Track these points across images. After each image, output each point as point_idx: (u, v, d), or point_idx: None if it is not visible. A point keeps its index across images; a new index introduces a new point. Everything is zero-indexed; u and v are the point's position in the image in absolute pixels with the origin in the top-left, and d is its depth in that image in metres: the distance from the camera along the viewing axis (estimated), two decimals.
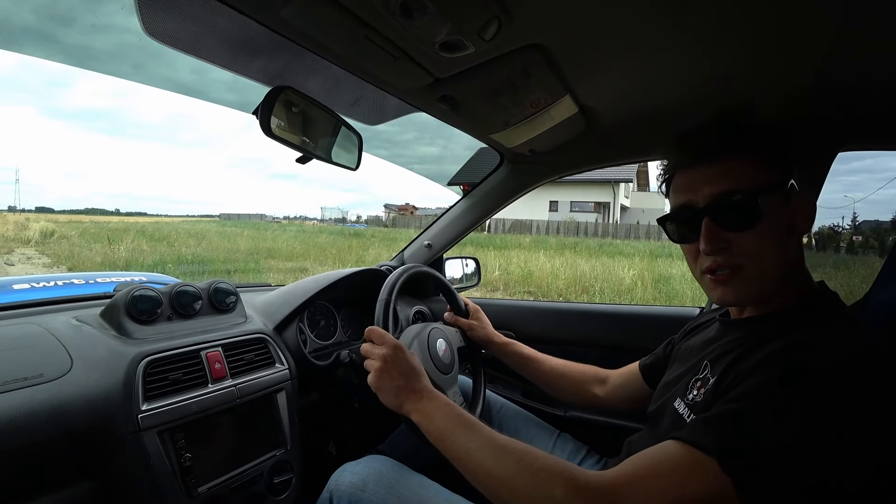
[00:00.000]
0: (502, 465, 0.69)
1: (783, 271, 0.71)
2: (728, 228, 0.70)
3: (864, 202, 27.57)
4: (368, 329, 0.94)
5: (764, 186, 0.69)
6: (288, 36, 0.74)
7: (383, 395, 0.87)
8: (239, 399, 0.99)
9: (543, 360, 1.23)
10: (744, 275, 0.70)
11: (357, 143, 1.07)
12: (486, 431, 0.75)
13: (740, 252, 0.70)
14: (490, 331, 1.31)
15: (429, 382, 0.88)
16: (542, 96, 0.97)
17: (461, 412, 0.80)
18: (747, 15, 0.73)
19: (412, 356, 0.91)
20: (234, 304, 1.16)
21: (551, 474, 0.64)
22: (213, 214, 33.48)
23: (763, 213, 0.68)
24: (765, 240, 0.69)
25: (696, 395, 0.75)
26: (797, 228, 0.72)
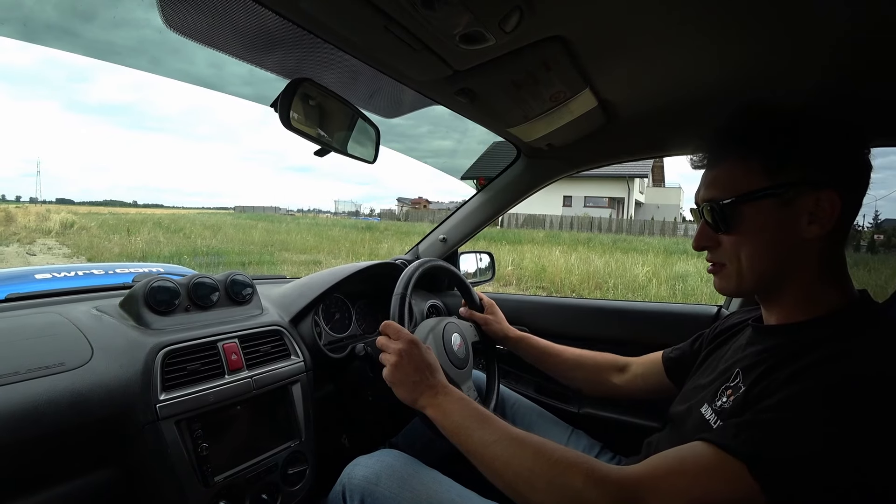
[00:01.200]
0: (519, 457, 0.69)
1: (777, 272, 0.71)
2: (716, 230, 0.75)
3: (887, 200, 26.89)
4: (384, 323, 0.94)
5: (749, 193, 0.70)
6: (306, 27, 0.74)
7: (398, 390, 0.87)
8: (255, 390, 1.00)
9: (559, 352, 1.23)
10: (724, 272, 0.76)
11: (374, 136, 1.06)
12: (501, 425, 0.75)
13: (723, 251, 0.75)
14: (505, 325, 1.30)
15: (444, 377, 0.88)
16: (561, 89, 0.96)
17: (476, 407, 0.80)
18: (773, 9, 0.71)
19: (428, 351, 0.91)
20: (251, 296, 1.17)
21: (570, 466, 0.64)
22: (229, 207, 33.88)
23: (745, 218, 0.71)
24: (742, 244, 0.72)
25: (725, 402, 0.74)
26: (803, 230, 0.68)
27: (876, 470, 0.53)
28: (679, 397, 0.91)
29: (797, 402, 0.58)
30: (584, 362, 1.20)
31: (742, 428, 0.59)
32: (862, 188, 0.71)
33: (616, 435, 1.21)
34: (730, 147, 0.74)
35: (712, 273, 0.79)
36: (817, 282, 0.71)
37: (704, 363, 0.91)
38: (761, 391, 0.65)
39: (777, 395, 0.61)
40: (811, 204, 0.67)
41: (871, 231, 16.98)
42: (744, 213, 0.71)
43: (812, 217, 0.67)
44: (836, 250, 0.71)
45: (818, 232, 0.67)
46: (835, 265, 0.71)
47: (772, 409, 0.59)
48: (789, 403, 0.59)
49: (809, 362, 0.61)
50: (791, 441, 0.55)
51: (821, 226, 0.67)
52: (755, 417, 0.60)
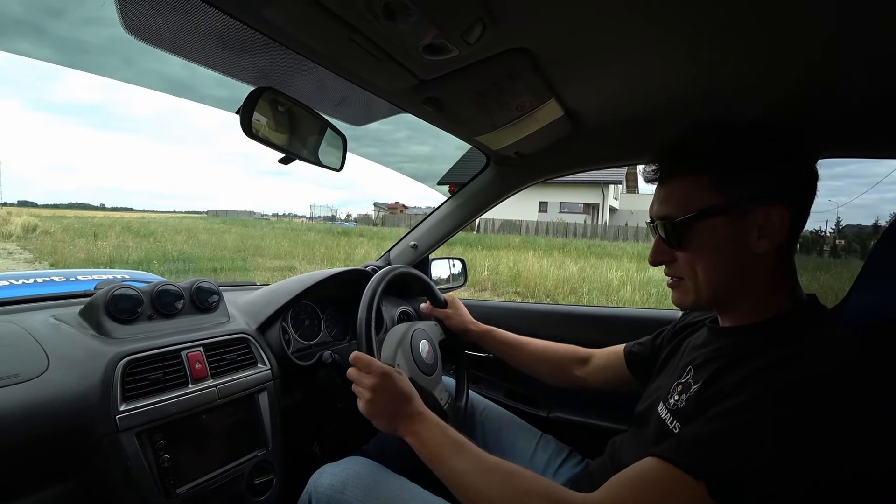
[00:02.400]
0: (490, 485, 0.71)
1: (731, 285, 0.74)
2: (670, 247, 0.77)
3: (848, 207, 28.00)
4: (354, 356, 0.93)
5: (701, 210, 0.71)
6: (271, 35, 0.74)
7: (377, 422, 0.88)
8: (220, 399, 0.98)
9: (524, 344, 1.25)
10: (682, 286, 0.78)
11: (342, 143, 1.06)
12: (475, 453, 0.77)
13: (679, 267, 0.78)
14: (467, 318, 1.32)
15: (420, 404, 0.88)
16: (527, 99, 0.97)
17: (452, 434, 0.81)
18: (731, 26, 0.73)
19: (401, 379, 0.90)
20: (217, 304, 1.16)
21: (537, 496, 0.66)
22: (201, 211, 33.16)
23: (698, 234, 0.73)
24: (697, 259, 0.74)
25: (678, 399, 0.76)
26: (753, 245, 0.70)
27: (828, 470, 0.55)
28: (643, 397, 0.93)
29: (745, 410, 0.60)
30: (547, 354, 1.22)
31: (695, 443, 0.60)
32: (811, 198, 0.73)
33: (584, 438, 1.22)
34: (682, 163, 0.75)
35: (672, 287, 0.81)
36: (770, 290, 0.73)
37: (666, 364, 0.93)
38: (712, 395, 0.67)
39: (726, 402, 0.63)
40: (761, 219, 0.69)
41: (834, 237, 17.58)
42: (697, 230, 0.73)
43: (762, 231, 0.69)
44: (786, 259, 0.74)
45: (768, 246, 0.70)
46: (786, 273, 0.74)
47: (721, 418, 0.61)
48: (737, 412, 0.60)
49: (756, 367, 0.64)
50: (742, 454, 0.57)
51: (770, 240, 0.69)
52: (707, 429, 0.61)
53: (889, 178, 29.23)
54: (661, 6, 0.69)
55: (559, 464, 1.13)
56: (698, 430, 0.62)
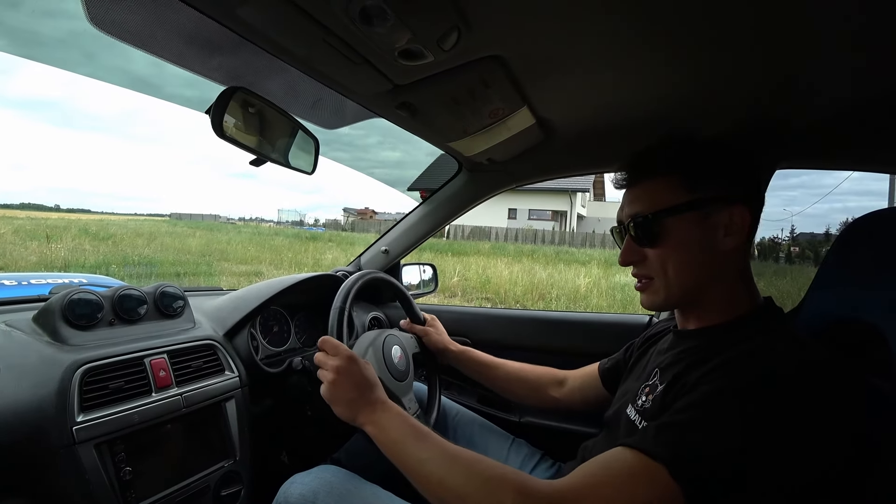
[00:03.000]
0: (452, 473, 0.70)
1: (688, 285, 0.77)
2: (641, 245, 0.79)
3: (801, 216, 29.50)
4: (322, 339, 0.92)
5: (672, 207, 0.75)
6: (244, 35, 0.72)
7: (337, 407, 0.86)
8: (185, 408, 0.95)
9: (500, 365, 1.24)
10: (653, 286, 0.80)
11: (314, 146, 1.05)
12: (437, 441, 0.76)
13: (650, 265, 0.79)
14: (445, 338, 1.31)
15: (383, 393, 0.87)
16: (500, 106, 0.98)
17: (414, 423, 0.80)
18: (696, 45, 0.77)
19: (366, 367, 0.90)
20: (182, 309, 1.12)
21: (501, 482, 0.65)
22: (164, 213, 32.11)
23: (668, 231, 0.76)
24: (668, 256, 0.76)
25: (645, 401, 0.78)
26: (720, 243, 0.74)
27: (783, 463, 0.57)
28: (612, 403, 0.94)
29: (708, 400, 0.62)
30: (524, 376, 1.22)
31: (660, 430, 0.62)
32: (762, 202, 0.79)
33: (556, 442, 1.23)
34: (653, 166, 0.79)
35: (640, 290, 0.82)
36: (731, 290, 0.77)
37: (633, 369, 0.96)
38: (676, 392, 0.70)
39: (690, 395, 0.64)
40: (726, 218, 0.73)
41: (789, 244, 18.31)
42: (668, 227, 0.76)
43: (727, 230, 0.73)
44: (745, 261, 0.78)
45: (732, 244, 0.74)
46: (746, 274, 0.78)
47: (686, 409, 0.63)
48: (701, 402, 0.62)
49: (719, 362, 0.65)
50: (704, 439, 0.58)
51: (734, 238, 0.73)
52: (671, 418, 0.63)
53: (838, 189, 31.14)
54: (631, 24, 0.72)
55: (531, 468, 1.14)
56: (663, 420, 0.64)
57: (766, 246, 14.85)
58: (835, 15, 0.66)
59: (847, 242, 0.82)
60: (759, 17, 0.68)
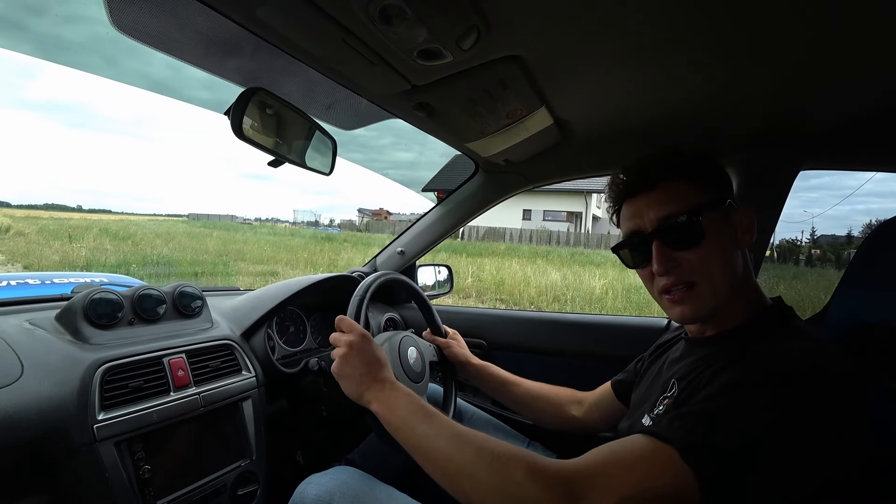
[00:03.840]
0: (461, 450, 0.68)
1: (733, 284, 0.75)
2: (677, 248, 0.74)
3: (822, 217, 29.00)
4: (338, 318, 0.92)
5: (704, 205, 0.73)
6: (263, 36, 0.73)
7: (345, 383, 0.85)
8: (203, 408, 0.96)
9: (519, 383, 1.22)
10: (697, 290, 0.74)
11: (331, 147, 1.05)
12: (446, 421, 0.75)
13: (691, 269, 0.74)
14: (467, 352, 1.29)
15: (391, 373, 0.87)
16: (517, 107, 0.97)
17: (422, 403, 0.79)
18: (718, 46, 0.76)
19: (378, 348, 0.89)
20: (200, 309, 1.13)
21: (511, 459, 0.64)
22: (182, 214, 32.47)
23: (707, 230, 0.73)
24: (712, 255, 0.73)
25: (662, 409, 0.77)
26: (740, 242, 0.76)
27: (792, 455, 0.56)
28: (627, 414, 0.94)
29: (724, 391, 0.61)
30: (544, 395, 1.19)
31: (675, 418, 0.61)
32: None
33: (571, 446, 1.22)
34: (674, 167, 0.77)
35: (678, 301, 0.76)
36: (743, 292, 0.76)
37: (644, 376, 0.95)
38: (691, 390, 0.69)
39: (704, 390, 0.64)
40: (739, 217, 0.75)
41: (809, 246, 18.00)
42: (706, 225, 0.73)
43: (744, 229, 0.75)
44: (746, 259, 0.78)
45: (748, 242, 0.76)
46: (746, 273, 0.77)
47: (701, 401, 0.62)
48: (717, 393, 0.62)
49: (736, 357, 0.65)
50: (718, 426, 0.58)
51: (749, 237, 0.76)
52: (686, 409, 0.62)
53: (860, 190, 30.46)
54: (651, 25, 0.71)
55: None
56: (678, 411, 0.63)
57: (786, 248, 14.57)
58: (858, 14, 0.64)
59: (875, 245, 0.80)
60: (781, 18, 0.67)
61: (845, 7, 0.63)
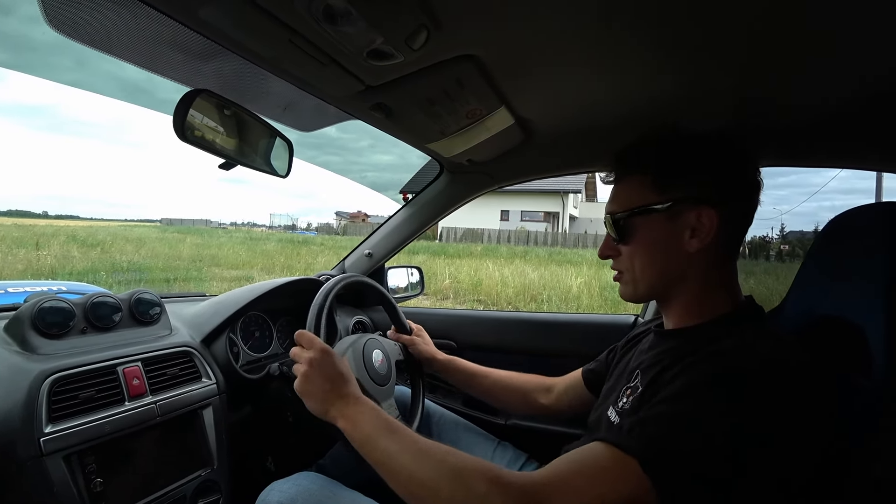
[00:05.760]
0: (424, 466, 0.68)
1: (666, 281, 0.78)
2: (616, 241, 0.83)
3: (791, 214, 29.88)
4: (298, 333, 0.91)
5: (640, 207, 0.77)
6: (209, 36, 0.71)
7: (308, 401, 0.84)
8: (160, 417, 0.94)
9: (487, 373, 1.22)
10: (623, 280, 0.84)
11: (287, 149, 1.03)
12: (409, 436, 0.74)
13: (620, 261, 0.83)
14: (433, 349, 1.29)
15: (356, 388, 0.85)
16: (477, 107, 0.97)
17: (387, 418, 0.79)
18: (678, 44, 0.76)
19: (341, 362, 0.88)
20: (159, 316, 1.11)
21: (473, 473, 0.63)
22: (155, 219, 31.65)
23: (638, 229, 0.78)
24: (637, 253, 0.80)
25: (626, 402, 0.78)
26: (686, 244, 0.74)
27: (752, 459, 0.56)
28: (594, 407, 0.94)
29: (679, 395, 0.62)
30: (512, 384, 1.20)
31: (634, 424, 0.62)
32: (749, 205, 0.77)
33: (541, 445, 1.22)
34: (629, 165, 0.81)
35: (616, 280, 0.86)
36: (706, 290, 0.77)
37: (614, 370, 0.95)
38: (654, 390, 0.70)
39: (664, 390, 0.64)
40: (693, 220, 0.73)
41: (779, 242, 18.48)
42: (636, 226, 0.78)
43: (693, 232, 0.74)
44: (724, 261, 0.77)
45: (698, 246, 0.74)
46: (724, 275, 0.77)
47: (659, 404, 0.63)
48: (672, 396, 0.62)
49: (693, 360, 0.65)
50: (673, 434, 0.58)
51: (700, 240, 0.73)
52: (644, 413, 0.63)
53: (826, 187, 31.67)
54: (606, 24, 0.71)
55: (516, 470, 1.13)
56: (638, 416, 0.64)
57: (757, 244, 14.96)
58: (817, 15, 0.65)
59: (829, 239, 0.81)
60: (740, 17, 0.67)
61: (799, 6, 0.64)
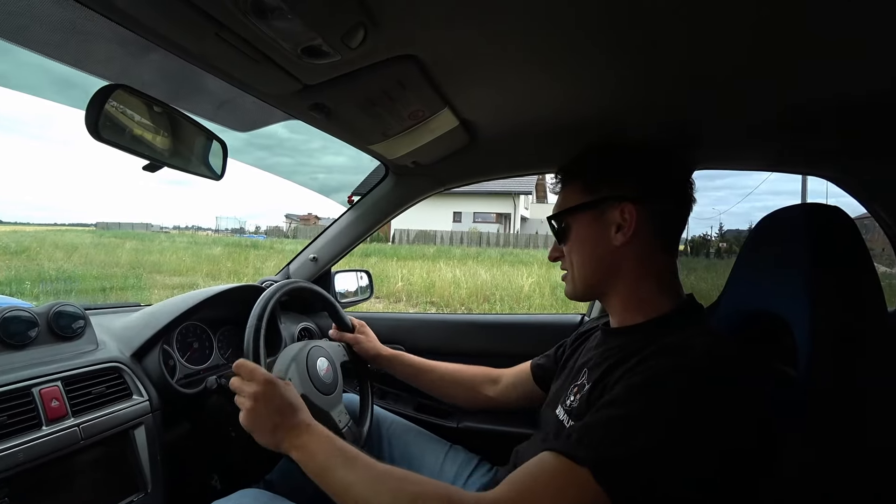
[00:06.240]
0: (380, 494, 0.67)
1: (600, 276, 0.83)
2: (559, 242, 0.89)
3: (728, 214, 31.86)
4: (237, 363, 0.86)
5: (577, 207, 0.83)
6: (130, 28, 0.66)
7: (258, 436, 0.80)
8: (84, 440, 0.87)
9: (433, 367, 1.23)
10: (567, 278, 0.89)
11: (221, 150, 0.97)
12: (365, 463, 0.73)
13: (565, 260, 0.88)
14: (377, 344, 1.28)
15: (307, 415, 0.83)
16: (420, 108, 0.96)
17: (342, 445, 0.76)
18: (616, 47, 0.77)
19: (287, 388, 0.84)
20: (83, 330, 1.02)
21: (430, 498, 0.64)
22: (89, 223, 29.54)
23: (571, 229, 0.85)
24: (576, 251, 0.85)
25: (573, 400, 0.79)
26: (612, 239, 0.80)
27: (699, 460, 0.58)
28: (543, 405, 0.95)
29: (624, 398, 0.63)
30: (458, 377, 1.21)
31: (582, 432, 0.62)
32: (675, 202, 0.82)
33: (493, 446, 1.22)
34: (566, 172, 0.88)
35: (563, 280, 0.91)
36: (640, 285, 0.80)
37: (564, 368, 0.97)
38: (599, 392, 0.71)
39: (609, 393, 0.66)
40: (617, 216, 0.79)
41: (718, 240, 19.44)
42: (570, 225, 0.85)
43: (618, 227, 0.79)
44: (652, 255, 0.81)
45: (623, 239, 0.79)
46: (658, 271, 0.81)
47: (604, 408, 0.64)
48: (617, 400, 0.63)
49: (636, 361, 0.67)
50: (621, 440, 0.59)
51: (624, 234, 0.78)
52: (591, 419, 0.64)
53: (759, 189, 34.36)
54: (545, 29, 0.71)
55: (468, 474, 1.12)
56: (585, 421, 0.65)
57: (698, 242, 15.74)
58: (743, 24, 0.67)
59: (757, 239, 0.86)
60: (670, 25, 0.69)
61: (731, 14, 0.65)
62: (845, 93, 0.84)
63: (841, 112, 0.91)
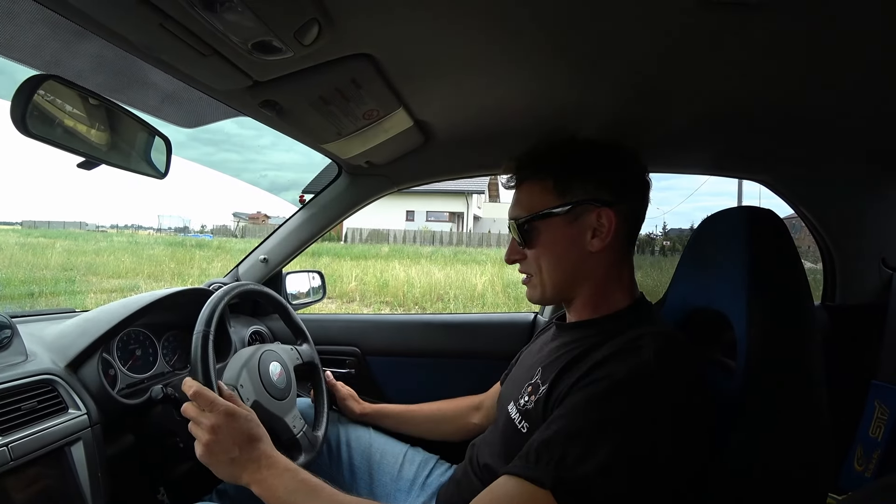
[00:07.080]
0: None
1: (571, 280, 0.82)
2: (521, 245, 0.85)
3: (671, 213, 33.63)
4: (195, 391, 0.80)
5: (543, 211, 0.80)
6: (61, 13, 0.61)
7: (217, 470, 0.77)
8: (13, 461, 0.80)
9: (417, 410, 1.23)
10: (532, 282, 0.86)
11: (164, 147, 0.92)
12: (329, 495, 0.72)
13: (528, 264, 0.85)
14: (363, 404, 1.27)
15: (268, 446, 0.79)
16: (374, 108, 0.94)
17: (304, 477, 0.75)
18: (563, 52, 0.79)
19: (248, 418, 0.80)
20: (10, 340, 0.94)
21: None
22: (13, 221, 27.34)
23: (541, 233, 0.81)
24: (543, 256, 0.82)
25: (528, 401, 0.79)
26: (588, 244, 0.79)
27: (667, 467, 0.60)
28: (498, 400, 0.96)
29: (577, 412, 0.64)
30: (445, 413, 1.21)
31: (541, 451, 0.62)
32: (641, 204, 0.83)
33: (450, 445, 1.23)
34: (530, 170, 0.83)
35: (525, 284, 0.88)
36: (606, 286, 0.81)
37: (518, 364, 0.98)
38: (554, 399, 0.71)
39: (563, 405, 0.66)
40: (594, 221, 0.77)
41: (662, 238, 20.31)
42: (539, 229, 0.80)
43: (595, 232, 0.78)
44: (622, 258, 0.82)
45: (599, 245, 0.78)
46: (622, 271, 0.82)
47: (558, 420, 0.64)
48: (572, 415, 0.64)
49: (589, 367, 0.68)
50: (582, 457, 0.59)
51: (601, 239, 0.78)
52: (547, 433, 0.64)
53: (700, 190, 36.31)
54: (498, 31, 0.72)
55: (427, 474, 1.12)
56: (540, 436, 0.64)
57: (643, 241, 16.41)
58: (687, 31, 0.70)
59: (699, 238, 0.90)
60: (616, 31, 0.71)
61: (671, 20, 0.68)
62: (779, 105, 0.90)
63: (776, 122, 0.97)
